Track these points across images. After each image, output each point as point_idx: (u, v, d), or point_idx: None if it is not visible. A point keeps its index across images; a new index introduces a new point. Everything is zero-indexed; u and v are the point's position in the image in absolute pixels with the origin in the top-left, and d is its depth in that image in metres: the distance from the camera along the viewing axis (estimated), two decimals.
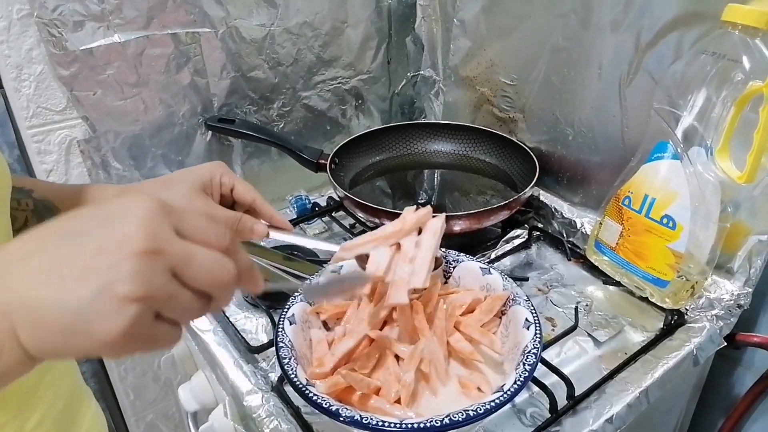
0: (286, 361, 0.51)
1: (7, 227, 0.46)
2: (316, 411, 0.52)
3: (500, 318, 0.59)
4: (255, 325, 0.72)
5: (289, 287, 0.58)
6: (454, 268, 0.64)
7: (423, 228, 0.58)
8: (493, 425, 0.58)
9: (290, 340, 0.53)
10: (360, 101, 1.08)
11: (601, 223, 0.75)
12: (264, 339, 0.69)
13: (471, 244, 0.85)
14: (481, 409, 0.45)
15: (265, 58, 0.92)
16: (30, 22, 0.72)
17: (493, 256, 0.82)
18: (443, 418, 0.45)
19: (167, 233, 0.30)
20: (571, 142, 0.86)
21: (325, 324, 0.60)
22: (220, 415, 0.65)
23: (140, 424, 1.07)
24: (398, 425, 0.44)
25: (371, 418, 0.45)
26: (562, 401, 0.58)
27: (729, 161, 0.64)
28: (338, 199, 0.91)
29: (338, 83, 1.03)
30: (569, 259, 0.82)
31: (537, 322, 0.54)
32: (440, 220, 0.58)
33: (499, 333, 0.58)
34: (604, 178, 0.82)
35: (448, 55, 1.02)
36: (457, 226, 0.78)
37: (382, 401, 0.51)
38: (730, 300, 0.69)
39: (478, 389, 0.53)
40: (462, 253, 0.65)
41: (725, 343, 0.70)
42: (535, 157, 0.89)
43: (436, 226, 0.57)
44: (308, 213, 0.93)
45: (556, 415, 0.57)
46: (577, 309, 0.70)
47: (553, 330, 0.70)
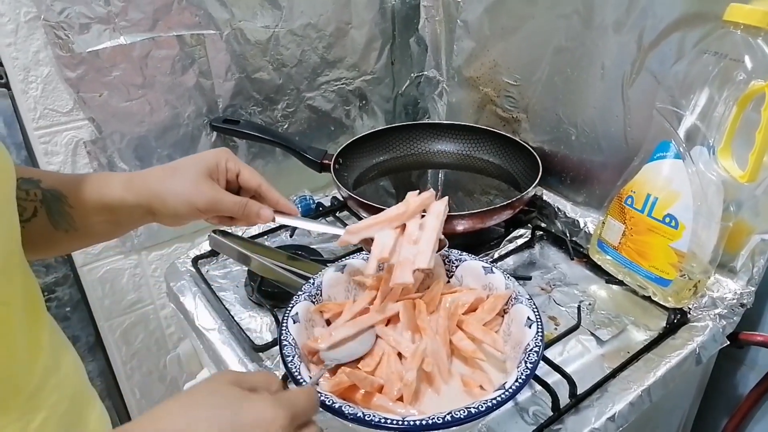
0: (290, 360, 0.51)
1: (13, 218, 0.46)
2: (320, 409, 0.53)
3: (502, 317, 0.59)
4: (259, 324, 0.73)
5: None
6: (457, 267, 0.64)
7: (427, 210, 0.58)
8: (496, 423, 0.58)
9: (294, 339, 0.54)
10: (364, 102, 1.08)
11: (604, 223, 0.75)
12: (268, 338, 0.70)
13: (475, 243, 0.85)
14: (483, 407, 0.46)
15: (270, 60, 0.93)
16: (37, 24, 0.73)
17: (496, 256, 0.83)
18: (445, 415, 0.45)
19: None
20: (574, 141, 0.86)
21: (329, 322, 0.61)
22: None
23: None
24: (401, 422, 0.45)
25: (374, 415, 0.45)
26: (564, 399, 0.58)
27: (731, 160, 0.64)
28: (342, 199, 0.92)
29: (342, 84, 1.04)
30: (572, 259, 0.83)
31: (539, 320, 0.54)
32: (443, 203, 0.58)
33: (502, 331, 0.58)
34: (606, 178, 0.82)
35: (452, 56, 1.03)
36: (461, 226, 0.78)
37: (385, 399, 0.51)
38: (733, 299, 0.69)
39: (481, 387, 0.53)
40: (464, 253, 0.65)
41: (728, 342, 0.70)
42: (538, 157, 0.89)
43: (439, 209, 0.58)
44: (312, 213, 0.94)
45: (559, 414, 0.58)
46: (579, 308, 0.70)
47: (556, 329, 0.70)
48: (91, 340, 0.98)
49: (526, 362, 0.50)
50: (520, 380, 0.48)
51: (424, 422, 0.45)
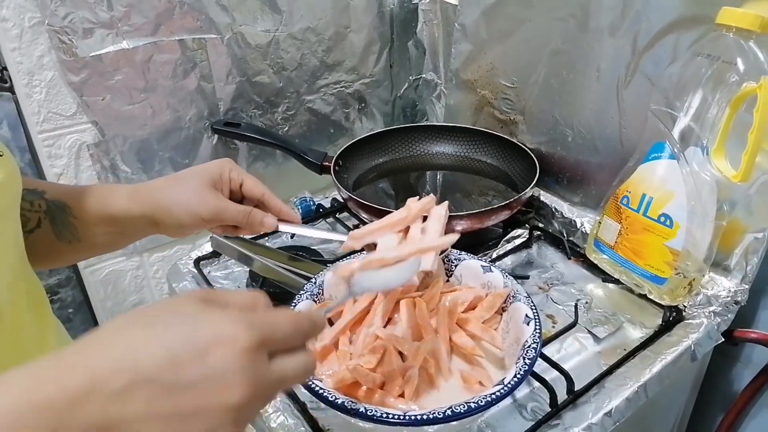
0: None
1: (17, 229, 0.47)
2: (322, 406, 0.53)
3: (501, 315, 0.60)
4: None
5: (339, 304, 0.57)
6: (456, 266, 0.65)
7: (428, 215, 0.59)
8: (495, 419, 0.59)
9: None
10: (363, 104, 1.10)
11: (600, 222, 0.76)
12: None
13: (473, 243, 0.86)
14: (482, 402, 0.46)
15: (270, 63, 0.94)
16: (41, 29, 0.74)
17: (494, 256, 0.84)
18: (445, 410, 0.46)
19: (262, 371, 0.33)
20: (570, 143, 0.87)
21: (330, 321, 0.61)
22: None
23: None
24: (402, 417, 0.46)
25: (376, 410, 0.46)
26: (562, 396, 0.59)
27: (725, 161, 0.65)
28: (342, 201, 0.93)
29: (341, 87, 1.05)
30: (569, 258, 0.84)
31: (537, 317, 0.55)
32: (444, 207, 0.59)
33: (500, 329, 0.59)
34: (603, 178, 0.83)
35: (450, 59, 1.04)
36: (459, 226, 0.79)
37: (387, 395, 0.52)
38: (728, 297, 0.71)
39: (480, 383, 0.54)
40: (463, 252, 0.66)
41: (723, 339, 0.71)
42: (535, 158, 0.90)
43: (440, 213, 0.59)
44: (312, 214, 0.95)
45: (557, 409, 0.59)
46: (577, 306, 0.71)
47: (554, 327, 0.72)
48: None
49: (524, 358, 0.51)
50: (519, 376, 0.49)
51: (425, 417, 0.46)
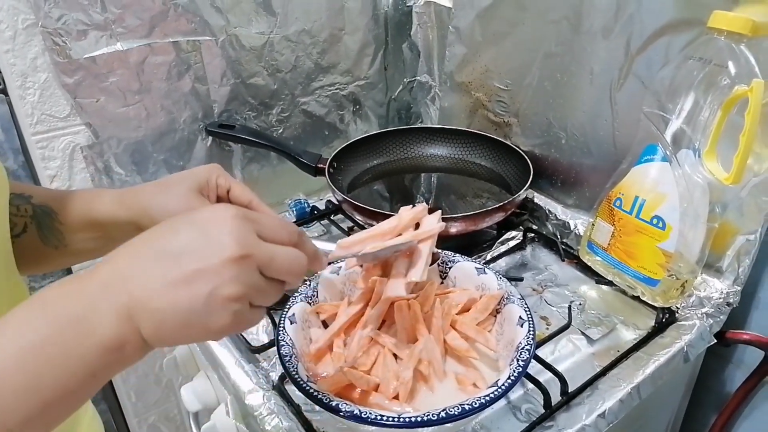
0: (288, 359, 0.52)
1: (5, 232, 0.47)
2: (317, 409, 0.54)
3: (495, 316, 0.60)
4: (256, 326, 0.73)
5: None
6: (450, 268, 0.66)
7: (419, 224, 0.59)
8: (489, 421, 0.59)
9: (291, 339, 0.55)
10: (357, 106, 1.10)
11: (594, 225, 0.76)
12: (265, 339, 0.70)
13: (467, 245, 0.86)
14: (476, 403, 0.47)
15: (265, 65, 0.94)
16: (35, 31, 0.74)
17: (488, 258, 0.84)
18: (440, 412, 0.46)
19: (253, 238, 0.36)
20: (564, 145, 0.88)
21: (325, 323, 0.62)
22: (222, 414, 0.66)
23: (142, 425, 1.08)
24: (396, 419, 0.46)
25: (370, 413, 0.46)
26: (556, 397, 0.60)
27: (716, 163, 0.65)
28: (337, 203, 0.93)
29: (336, 89, 1.05)
30: (563, 260, 0.84)
31: (530, 319, 0.55)
32: (436, 217, 0.59)
33: (494, 331, 0.60)
34: (596, 181, 0.84)
35: (444, 61, 1.04)
36: (454, 228, 0.80)
37: (381, 397, 0.52)
38: (720, 298, 0.71)
39: (474, 385, 0.54)
40: (457, 254, 0.66)
41: (715, 341, 0.71)
42: (529, 161, 0.91)
43: (432, 222, 0.59)
44: (307, 216, 0.95)
45: (550, 411, 0.59)
46: (570, 308, 0.71)
47: (548, 328, 0.72)
48: None
49: (518, 360, 0.51)
50: (513, 377, 0.49)
51: (419, 419, 0.46)
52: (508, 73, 0.94)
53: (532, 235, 0.89)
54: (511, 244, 0.87)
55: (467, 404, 0.47)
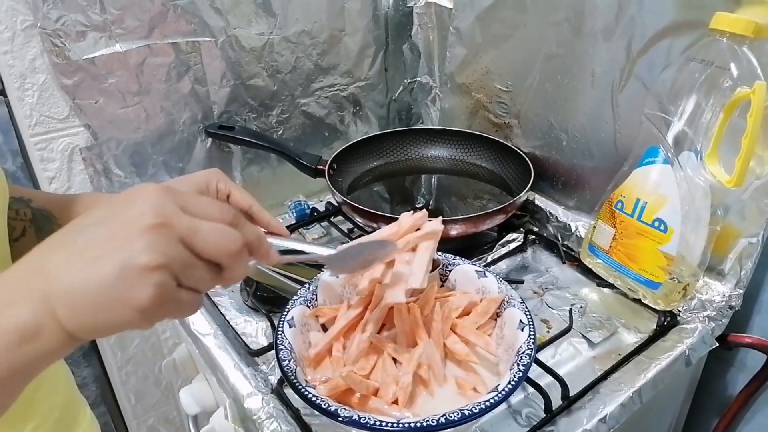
0: (286, 363, 0.52)
1: (4, 236, 0.47)
2: (316, 413, 0.53)
3: (495, 320, 0.60)
4: (255, 329, 0.73)
5: (310, 258, 0.55)
6: (450, 271, 0.65)
7: (420, 230, 0.59)
8: (490, 425, 0.59)
9: (290, 343, 0.54)
10: (358, 108, 1.09)
11: (595, 227, 0.76)
12: (264, 342, 0.70)
13: (468, 247, 0.86)
14: (476, 409, 0.46)
15: (264, 66, 0.94)
16: (33, 32, 0.74)
17: (489, 260, 0.84)
18: (439, 418, 0.46)
19: (173, 209, 0.33)
20: (565, 147, 0.87)
21: (324, 327, 0.61)
22: (221, 418, 0.66)
23: (141, 427, 1.08)
24: (395, 425, 0.46)
25: (369, 418, 0.46)
26: (556, 401, 0.59)
27: (718, 166, 0.65)
28: (337, 205, 0.93)
29: (336, 90, 1.05)
30: (564, 262, 0.84)
31: (531, 323, 0.55)
32: (436, 223, 0.59)
33: (495, 335, 0.59)
34: (597, 183, 0.83)
35: (445, 63, 1.04)
36: (454, 230, 0.79)
37: (381, 402, 0.52)
38: (722, 301, 0.71)
39: (474, 390, 0.54)
40: (458, 257, 0.66)
41: (717, 344, 0.71)
42: (530, 162, 0.90)
43: (432, 228, 0.58)
44: (307, 218, 0.95)
45: (551, 415, 0.59)
46: (571, 311, 0.71)
47: (548, 332, 0.71)
48: (86, 346, 0.99)
49: (519, 364, 0.50)
50: (513, 382, 0.49)
51: (419, 424, 0.45)
52: (509, 75, 0.93)
53: (533, 237, 0.89)
54: (512, 246, 0.87)
55: (467, 409, 0.46)
